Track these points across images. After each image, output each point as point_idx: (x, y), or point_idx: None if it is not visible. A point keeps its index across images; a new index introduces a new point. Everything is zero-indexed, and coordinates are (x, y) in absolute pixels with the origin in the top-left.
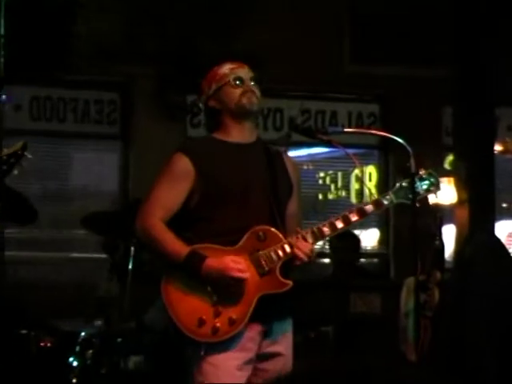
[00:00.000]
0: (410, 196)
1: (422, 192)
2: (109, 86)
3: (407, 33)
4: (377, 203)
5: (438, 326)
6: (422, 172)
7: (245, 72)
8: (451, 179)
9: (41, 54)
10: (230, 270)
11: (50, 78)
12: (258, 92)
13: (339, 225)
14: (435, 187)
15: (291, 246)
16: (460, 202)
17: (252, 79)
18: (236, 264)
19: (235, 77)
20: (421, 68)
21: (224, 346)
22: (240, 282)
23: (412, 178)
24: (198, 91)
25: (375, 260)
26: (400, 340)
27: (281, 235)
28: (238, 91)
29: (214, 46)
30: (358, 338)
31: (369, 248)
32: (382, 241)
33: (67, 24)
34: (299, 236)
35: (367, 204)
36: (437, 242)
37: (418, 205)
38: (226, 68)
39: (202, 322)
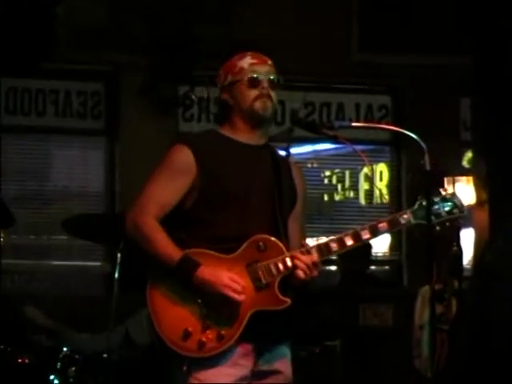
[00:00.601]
0: (432, 218)
1: (443, 214)
2: (93, 76)
3: (421, 18)
4: (392, 222)
5: (455, 339)
6: (445, 193)
7: (265, 70)
8: (470, 178)
9: (17, 41)
10: (223, 287)
11: (27, 67)
12: (274, 96)
13: (348, 242)
14: (459, 210)
15: (293, 260)
16: (479, 203)
17: (272, 80)
18: (232, 282)
19: (252, 77)
20: (436, 56)
21: (214, 361)
22: (233, 302)
23: (428, 176)
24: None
25: (387, 267)
26: (414, 355)
27: (283, 247)
28: (253, 94)
29: (211, 32)
30: (367, 353)
31: (380, 254)
32: (395, 246)
33: (46, 6)
34: (303, 250)
35: (381, 222)
36: (454, 248)
37: (438, 228)
38: (245, 62)
39: (187, 335)
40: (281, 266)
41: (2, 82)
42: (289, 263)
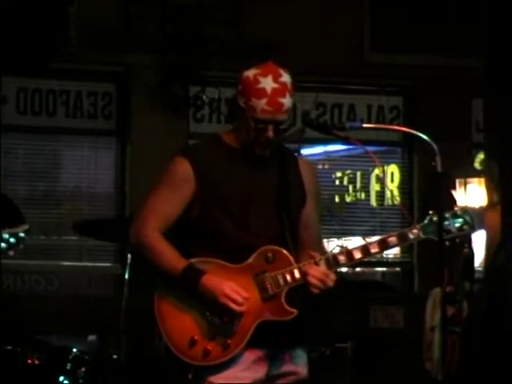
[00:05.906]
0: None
1: (453, 230)
2: (104, 77)
3: (434, 18)
4: (401, 237)
5: (467, 342)
6: (456, 208)
7: (275, 119)
8: (482, 180)
9: (28, 41)
10: (223, 297)
11: (38, 67)
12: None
13: (357, 255)
14: (469, 227)
15: (301, 272)
16: (491, 204)
17: (277, 127)
18: (233, 293)
19: (259, 122)
20: (449, 57)
21: (228, 364)
22: (233, 313)
23: (439, 178)
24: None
25: (397, 269)
26: (425, 357)
27: (292, 259)
28: (255, 135)
29: (222, 32)
30: (378, 355)
31: (391, 256)
32: (406, 248)
33: (58, 6)
34: (311, 262)
35: (390, 236)
36: (466, 250)
37: (447, 243)
38: (262, 101)
39: (193, 343)
40: (288, 278)
41: (12, 82)
42: (297, 275)
